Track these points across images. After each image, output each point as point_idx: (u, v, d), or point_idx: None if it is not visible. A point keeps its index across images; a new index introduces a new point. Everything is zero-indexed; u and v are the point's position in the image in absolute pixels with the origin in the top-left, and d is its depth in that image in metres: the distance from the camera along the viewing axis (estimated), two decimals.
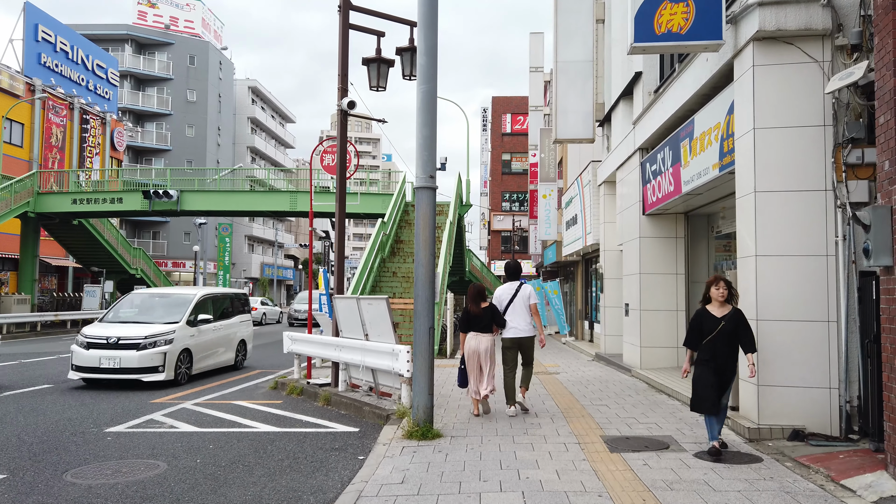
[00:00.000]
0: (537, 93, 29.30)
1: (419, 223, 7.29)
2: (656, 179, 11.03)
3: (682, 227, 12.08)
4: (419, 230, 7.28)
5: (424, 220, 7.27)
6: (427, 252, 7.23)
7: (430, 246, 7.25)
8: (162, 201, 27.97)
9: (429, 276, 7.20)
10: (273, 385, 11.94)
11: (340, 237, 10.97)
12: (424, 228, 7.25)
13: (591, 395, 9.87)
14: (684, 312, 11.95)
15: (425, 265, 7.21)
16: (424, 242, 7.24)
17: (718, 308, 6.33)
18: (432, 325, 7.24)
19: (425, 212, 7.28)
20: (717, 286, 6.35)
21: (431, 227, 7.28)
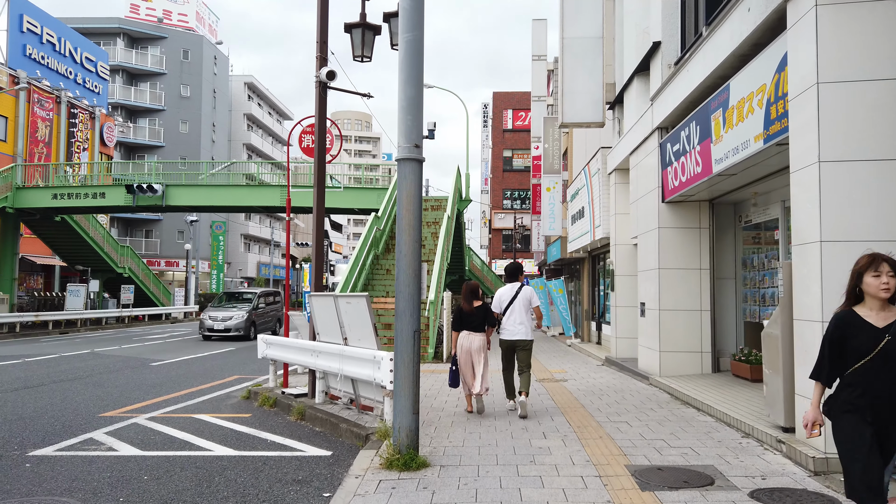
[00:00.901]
0: (540, 82, 27.94)
1: (402, 203, 5.94)
2: (679, 161, 9.67)
3: (707, 217, 10.72)
4: (402, 212, 5.93)
5: (409, 200, 5.92)
6: (411, 239, 5.88)
7: (416, 231, 5.90)
8: (146, 196, 26.65)
9: (413, 267, 5.85)
10: (246, 394, 10.60)
11: (319, 228, 9.62)
12: (409, 209, 5.90)
13: (606, 408, 8.51)
14: (709, 313, 10.59)
15: (409, 255, 5.86)
16: (408, 227, 5.89)
17: (879, 311, 3.48)
18: (418, 327, 5.89)
19: (410, 190, 5.93)
20: (877, 271, 3.44)
21: (417, 209, 5.93)
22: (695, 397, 8.49)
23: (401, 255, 5.89)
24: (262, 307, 24.19)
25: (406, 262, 5.86)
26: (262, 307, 24.32)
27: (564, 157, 23.05)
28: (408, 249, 5.88)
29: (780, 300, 6.07)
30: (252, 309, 23.40)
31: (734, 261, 10.98)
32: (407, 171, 5.95)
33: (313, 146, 10.56)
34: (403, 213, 5.92)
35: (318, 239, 9.59)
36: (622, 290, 14.02)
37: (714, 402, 7.98)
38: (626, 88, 13.06)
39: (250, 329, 22.60)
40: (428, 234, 22.00)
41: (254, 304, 23.73)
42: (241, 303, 24.01)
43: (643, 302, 11.65)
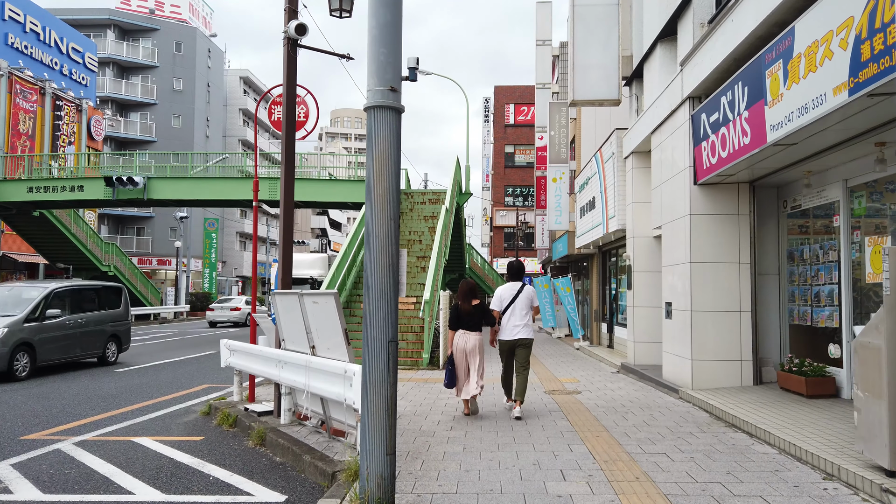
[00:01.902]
0: (545, 69, 26.34)
1: (372, 166, 4.37)
2: (717, 133, 8.09)
3: (747, 201, 9.14)
4: (372, 178, 4.36)
5: (382, 162, 4.35)
6: (385, 215, 4.31)
7: (391, 205, 4.34)
8: (126, 189, 25.10)
9: (387, 254, 4.28)
10: (206, 409, 9.05)
11: (287, 214, 8.05)
12: (382, 175, 4.34)
13: (634, 431, 6.93)
14: (749, 315, 9.01)
15: (382, 237, 4.29)
16: (381, 199, 4.32)
17: None
18: (394, 336, 4.33)
19: (384, 149, 4.36)
20: None
21: (392, 174, 4.36)
22: (743, 418, 6.90)
23: (371, 238, 4.31)
24: (56, 317, 13.39)
25: (378, 248, 4.28)
26: (58, 317, 13.48)
27: (572, 145, 21.47)
28: (380, 229, 4.30)
29: (884, 299, 4.48)
30: (26, 319, 12.68)
31: (777, 253, 9.40)
32: (379, 124, 4.38)
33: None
34: (374, 179, 4.34)
35: (287, 227, 8.02)
36: (641, 289, 12.44)
37: (772, 427, 6.40)
38: (647, 59, 11.48)
39: (10, 360, 12.09)
40: (425, 229, 20.44)
41: (31, 311, 12.82)
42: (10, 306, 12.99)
43: (669, 302, 10.07)
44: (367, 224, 4.33)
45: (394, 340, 4.29)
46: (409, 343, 14.23)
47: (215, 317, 31.17)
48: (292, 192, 8.06)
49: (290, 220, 7.98)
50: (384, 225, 4.30)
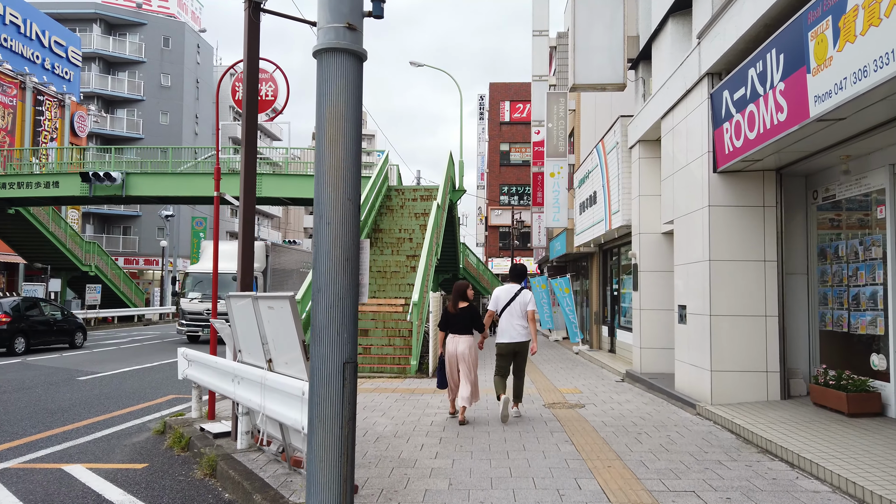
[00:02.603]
0: (541, 61, 25.28)
1: (324, 129, 3.29)
2: (744, 112, 7.04)
3: (773, 191, 8.09)
4: (323, 146, 3.29)
5: (335, 124, 3.28)
6: (339, 195, 3.24)
7: (349, 184, 3.27)
8: (104, 185, 23.94)
9: (342, 247, 3.20)
10: (160, 427, 7.96)
11: (247, 205, 6.97)
12: (335, 142, 3.27)
13: (651, 459, 5.87)
14: (776, 319, 7.96)
15: (336, 222, 3.22)
16: (333, 174, 3.25)
17: None
18: (352, 356, 3.25)
19: (338, 106, 3.29)
20: None
21: (350, 142, 3.29)
22: (779, 443, 5.85)
23: (321, 224, 3.24)
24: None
25: (329, 237, 3.21)
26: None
27: (570, 139, 20.43)
28: (332, 213, 3.23)
29: None
30: None
31: (806, 250, 8.36)
32: (333, 72, 3.30)
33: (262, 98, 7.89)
34: (325, 146, 3.27)
35: (247, 220, 6.93)
36: (648, 290, 11.39)
37: (818, 455, 5.35)
38: (657, 36, 10.43)
39: None
40: (416, 227, 19.38)
41: None
42: None
43: (683, 305, 9.02)
44: (316, 206, 3.25)
45: (351, 361, 3.22)
46: (396, 349, 13.16)
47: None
48: (253, 180, 6.98)
49: (251, 210, 6.90)
50: (339, 207, 3.23)
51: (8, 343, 17.27)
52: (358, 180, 3.30)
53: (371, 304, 15.02)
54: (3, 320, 17.23)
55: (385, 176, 22.52)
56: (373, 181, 20.35)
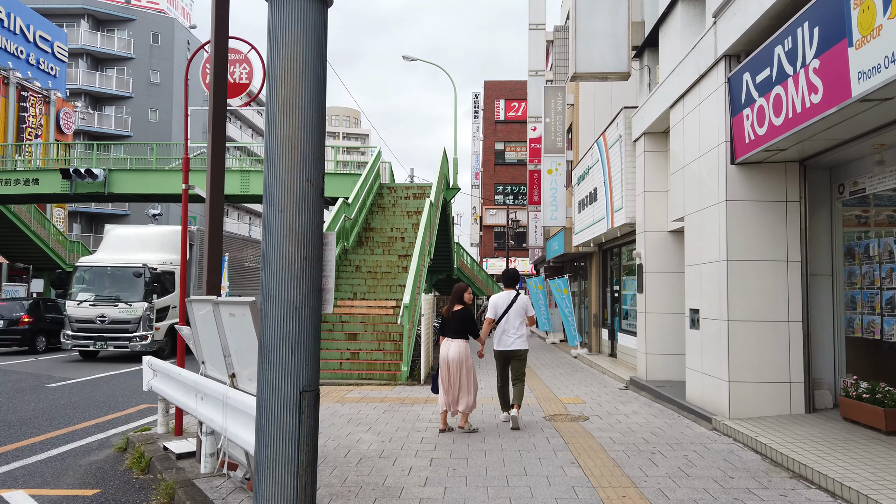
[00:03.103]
0: (538, 55, 24.59)
1: (275, 89, 2.56)
2: (768, 95, 6.34)
3: (797, 185, 7.39)
4: (275, 111, 2.56)
5: (291, 83, 2.54)
6: (296, 174, 2.50)
7: (310, 161, 2.54)
8: (85, 182, 23.11)
9: (300, 242, 2.47)
10: (121, 445, 7.21)
11: (214, 198, 6.23)
12: (289, 107, 2.53)
13: (671, 487, 5.16)
14: (800, 325, 7.26)
15: (291, 213, 2.48)
16: (288, 146, 2.52)
17: None
18: (311, 383, 2.51)
19: (294, 59, 2.55)
20: None
21: (313, 107, 2.56)
22: (815, 467, 5.14)
23: (272, 212, 2.51)
24: None
25: (283, 229, 2.48)
26: None
27: (568, 134, 19.73)
28: (288, 199, 2.50)
29: None
30: None
31: (830, 249, 7.67)
32: (290, 16, 2.57)
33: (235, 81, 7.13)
34: (276, 111, 2.54)
35: (215, 215, 6.19)
36: (654, 292, 10.69)
37: (864, 485, 4.64)
38: (665, 20, 9.73)
39: None
40: (408, 225, 18.65)
41: None
42: None
43: (695, 308, 8.32)
44: (266, 189, 2.53)
45: (311, 390, 2.49)
46: (386, 354, 12.43)
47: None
48: (221, 171, 6.24)
49: (218, 205, 6.16)
50: (295, 191, 2.50)
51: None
52: (321, 156, 2.58)
53: (360, 306, 14.29)
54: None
55: (377, 173, 21.79)
56: (364, 178, 19.63)
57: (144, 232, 18.74)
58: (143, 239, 17.97)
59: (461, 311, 7.32)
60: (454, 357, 7.14)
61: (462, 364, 7.16)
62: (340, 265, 16.07)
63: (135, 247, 17.26)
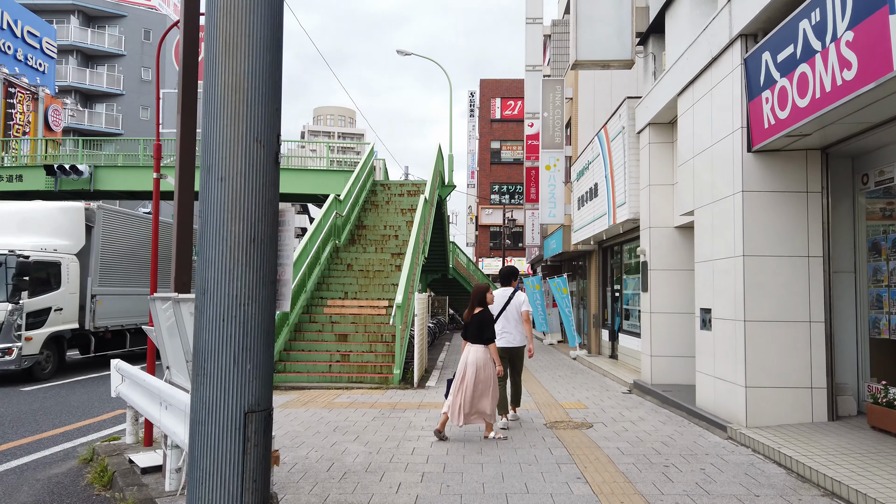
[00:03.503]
0: (535, 50, 24.06)
1: (216, 18, 1.98)
2: (792, 75, 5.80)
3: (818, 174, 6.86)
4: (217, 44, 1.98)
5: (236, 9, 1.96)
6: (244, 128, 1.93)
7: (261, 118, 1.96)
8: (70, 179, 22.48)
9: (248, 214, 1.90)
10: (87, 456, 6.62)
11: (183, 188, 5.65)
12: (237, 40, 1.95)
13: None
14: (822, 326, 6.72)
15: (235, 182, 1.90)
16: (233, 90, 1.94)
17: None
18: (262, 402, 1.94)
19: (239, 14, 1.98)
20: None
21: (270, 43, 1.99)
22: (853, 486, 4.60)
23: (209, 180, 1.94)
24: None
25: (224, 202, 1.91)
26: None
27: (567, 129, 19.18)
28: (231, 164, 1.93)
29: None
30: None
31: (853, 244, 7.14)
32: None
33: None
34: (218, 49, 1.97)
35: (184, 205, 5.62)
36: (659, 291, 10.15)
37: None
38: (671, 4, 9.19)
39: None
40: (402, 223, 18.09)
41: None
42: None
43: (707, 308, 7.78)
44: (203, 152, 1.96)
45: (260, 410, 1.92)
46: (377, 356, 11.86)
47: None
48: (193, 156, 5.66)
49: (189, 193, 5.58)
50: (241, 154, 1.93)
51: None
52: (276, 111, 2.02)
53: (352, 305, 13.72)
54: None
55: (370, 169, 21.24)
56: (356, 174, 19.06)
57: (27, 209, 14.26)
58: (25, 218, 13.76)
59: (479, 314, 6.87)
60: (471, 363, 6.70)
61: (478, 371, 6.66)
62: (331, 263, 15.50)
63: (10, 228, 13.32)
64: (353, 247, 16.71)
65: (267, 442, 1.97)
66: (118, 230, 15.01)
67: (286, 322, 12.33)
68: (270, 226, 1.99)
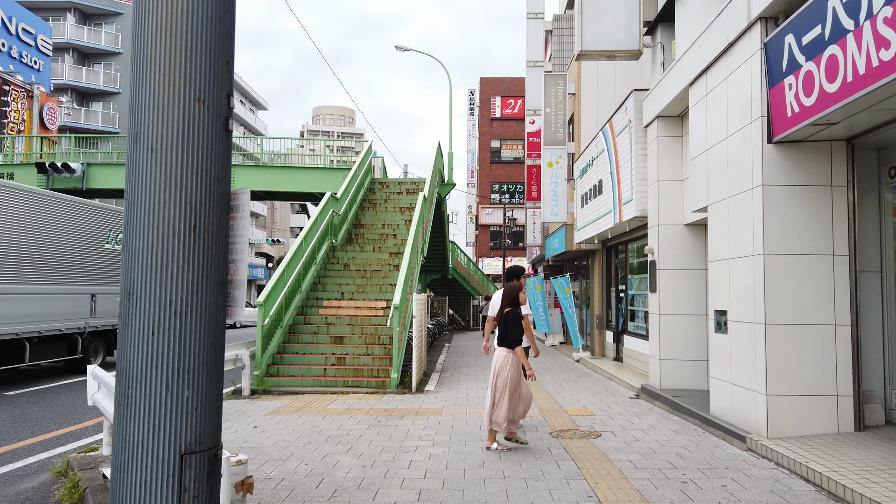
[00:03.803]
0: (536, 45, 23.61)
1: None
2: (819, 58, 5.35)
3: (843, 167, 6.42)
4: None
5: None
6: (180, 85, 1.47)
7: (211, 60, 1.50)
8: (62, 177, 22.02)
9: (187, 194, 1.45)
10: (62, 468, 6.17)
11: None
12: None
13: None
14: (849, 329, 6.28)
15: (171, 148, 1.45)
16: (168, 37, 1.48)
17: None
18: (210, 440, 1.49)
19: None
20: None
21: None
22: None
23: (137, 150, 1.48)
24: None
25: (156, 177, 1.46)
26: None
27: (570, 126, 18.74)
28: (165, 130, 1.47)
29: None
30: None
31: (879, 242, 6.69)
32: None
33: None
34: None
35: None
36: (668, 291, 9.70)
37: None
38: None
39: None
40: (401, 222, 17.64)
41: None
42: None
43: (722, 310, 7.33)
44: (130, 115, 1.51)
45: (201, 450, 1.47)
46: (374, 359, 11.42)
47: None
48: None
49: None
50: (177, 117, 1.48)
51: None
52: (227, 63, 1.57)
53: (348, 307, 13.27)
54: None
55: (368, 167, 20.79)
56: (354, 172, 18.60)
57: None
58: None
59: (507, 314, 6.57)
60: (500, 366, 6.42)
61: (498, 375, 6.37)
62: (328, 263, 15.05)
63: None
64: (350, 246, 16.27)
65: (213, 489, 1.53)
66: (9, 211, 11.31)
67: (280, 324, 11.88)
68: (218, 211, 1.55)
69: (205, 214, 1.53)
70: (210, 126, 1.57)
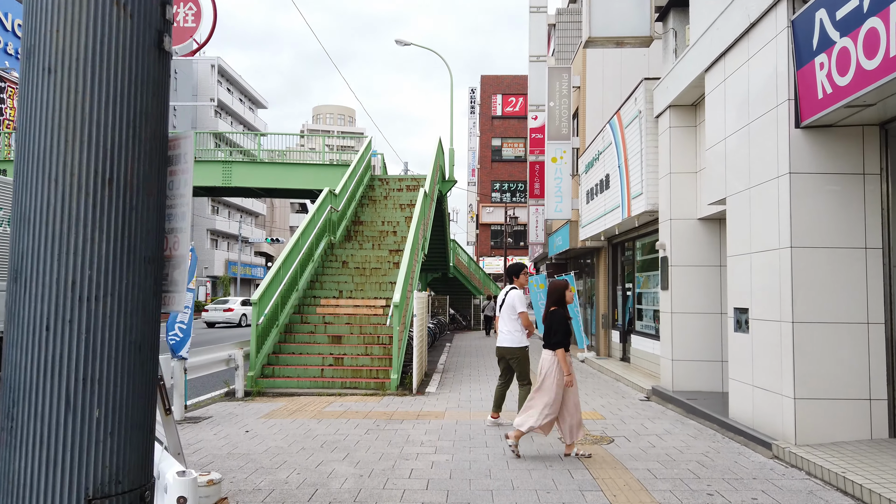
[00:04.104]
0: (539, 40, 23.17)
1: None
2: (856, 33, 4.92)
3: (876, 154, 5.98)
4: None
5: None
6: (91, 15, 1.03)
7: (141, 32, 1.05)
8: None
9: (101, 134, 1.00)
10: None
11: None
12: None
13: None
14: (883, 327, 5.84)
15: (75, 110, 1.00)
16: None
17: None
18: (140, 482, 1.05)
19: None
20: None
21: None
22: None
23: (31, 59, 1.04)
24: None
25: (48, 95, 1.01)
26: None
27: (574, 120, 18.29)
28: (60, 33, 1.03)
29: None
30: None
31: None
32: None
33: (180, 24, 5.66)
34: None
35: None
36: (681, 289, 9.27)
37: None
38: None
39: None
40: (401, 219, 17.20)
41: None
42: None
43: (743, 307, 6.90)
44: (25, 26, 1.06)
45: (122, 492, 1.03)
46: (373, 359, 10.98)
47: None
48: None
49: None
50: (88, 25, 1.03)
51: None
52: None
53: (346, 305, 12.84)
54: None
55: (368, 163, 20.36)
56: (353, 167, 18.17)
57: None
58: None
59: (550, 313, 6.26)
60: (547, 369, 6.06)
61: (548, 379, 6.01)
62: (326, 260, 14.62)
63: None
64: (348, 243, 15.83)
65: None
66: None
67: (276, 323, 11.45)
68: (146, 158, 1.12)
69: (126, 162, 1.10)
70: (135, 41, 1.14)
